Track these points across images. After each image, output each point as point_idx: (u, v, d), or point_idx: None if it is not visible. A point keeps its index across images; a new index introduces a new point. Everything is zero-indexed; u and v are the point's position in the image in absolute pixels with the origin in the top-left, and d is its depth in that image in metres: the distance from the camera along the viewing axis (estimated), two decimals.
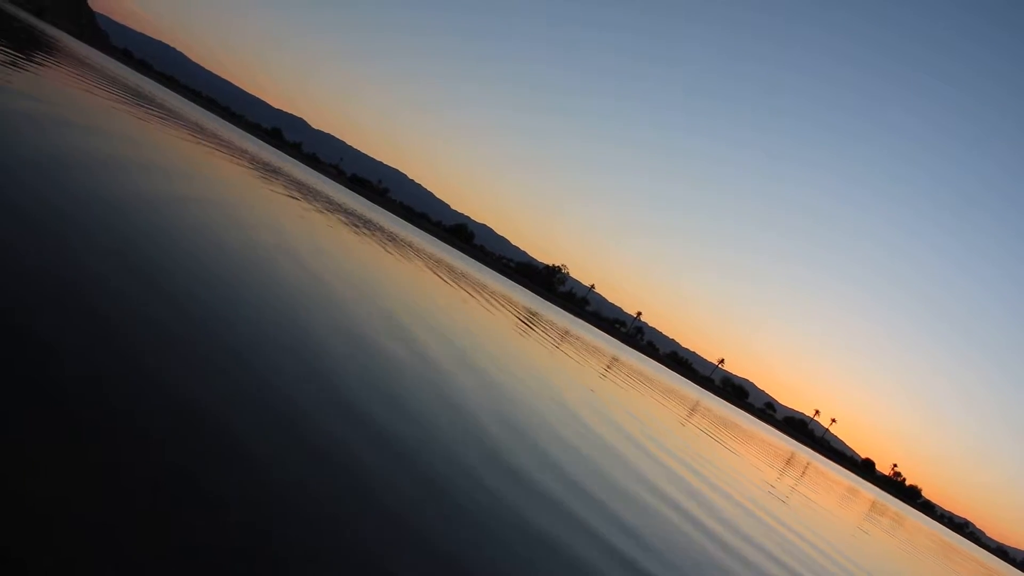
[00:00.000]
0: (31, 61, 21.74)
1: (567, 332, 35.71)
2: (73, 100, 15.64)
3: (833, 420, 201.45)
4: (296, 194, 26.66)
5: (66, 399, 2.85)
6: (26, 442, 2.42)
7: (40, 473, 2.29)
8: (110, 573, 1.97)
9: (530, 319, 28.42)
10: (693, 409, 29.39)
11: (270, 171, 34.68)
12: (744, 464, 15.85)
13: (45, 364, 3.05)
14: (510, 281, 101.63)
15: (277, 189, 23.50)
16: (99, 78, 34.91)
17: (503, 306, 26.39)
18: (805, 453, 67.58)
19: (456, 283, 24.57)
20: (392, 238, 33.91)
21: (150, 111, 28.69)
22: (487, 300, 24.64)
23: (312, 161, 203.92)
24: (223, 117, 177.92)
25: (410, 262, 22.92)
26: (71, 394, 2.91)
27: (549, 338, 22.77)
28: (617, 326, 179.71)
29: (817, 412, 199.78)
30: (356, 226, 27.32)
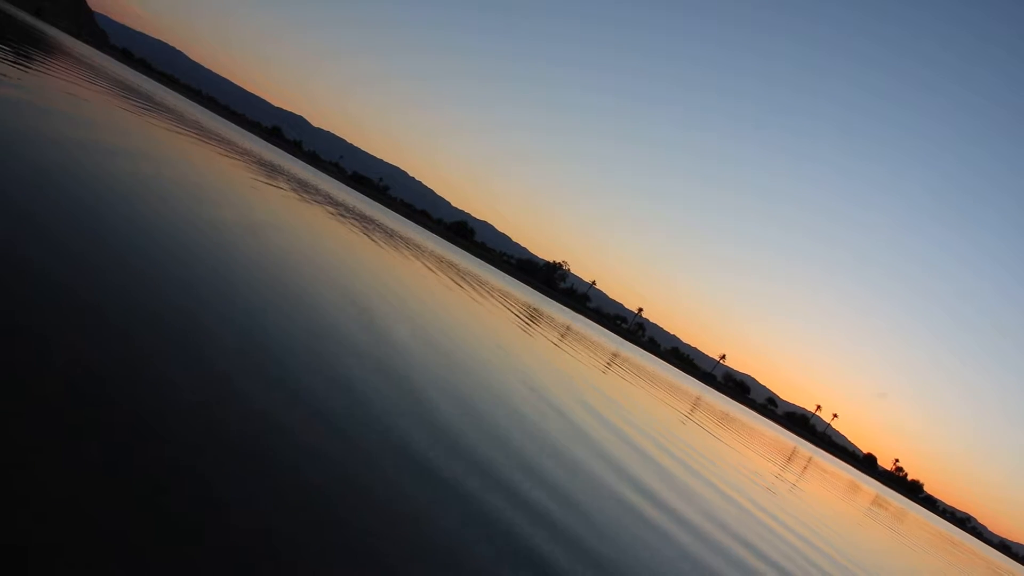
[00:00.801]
0: (30, 62, 21.76)
1: (568, 328, 35.73)
2: (75, 101, 15.65)
3: (835, 415, 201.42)
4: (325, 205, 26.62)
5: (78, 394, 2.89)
6: (23, 438, 2.44)
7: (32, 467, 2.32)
8: (115, 571, 1.98)
9: (533, 316, 28.43)
10: (695, 405, 29.41)
11: (273, 170, 34.70)
12: (746, 460, 15.88)
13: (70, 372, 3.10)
14: (512, 278, 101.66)
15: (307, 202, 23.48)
16: (98, 78, 34.92)
17: (508, 303, 26.41)
18: (807, 448, 67.61)
19: (472, 286, 24.60)
20: (440, 258, 33.87)
21: (153, 112, 28.70)
22: (496, 299, 24.68)
23: (312, 159, 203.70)
24: (223, 116, 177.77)
25: (469, 293, 22.90)
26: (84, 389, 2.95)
27: (552, 334, 22.78)
28: (618, 322, 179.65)
29: (819, 407, 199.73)
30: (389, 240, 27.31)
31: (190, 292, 5.20)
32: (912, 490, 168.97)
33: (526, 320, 23.53)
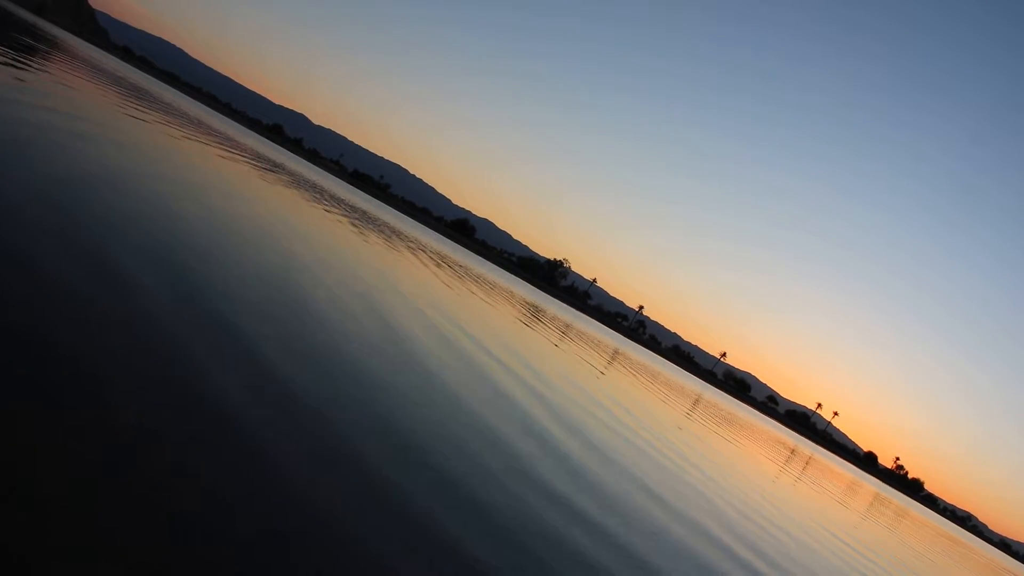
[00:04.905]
0: (32, 60, 21.78)
1: (569, 326, 35.75)
2: (80, 103, 15.67)
3: (835, 413, 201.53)
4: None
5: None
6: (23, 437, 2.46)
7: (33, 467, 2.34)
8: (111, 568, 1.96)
9: (535, 313, 28.46)
10: (696, 402, 29.44)
11: (274, 169, 34.72)
12: (747, 461, 15.90)
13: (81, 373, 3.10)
14: (512, 276, 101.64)
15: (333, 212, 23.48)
16: (101, 77, 34.93)
17: (510, 301, 26.42)
18: (807, 446, 67.64)
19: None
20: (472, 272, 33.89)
21: (164, 115, 28.71)
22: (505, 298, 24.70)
23: (313, 157, 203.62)
24: (224, 114, 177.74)
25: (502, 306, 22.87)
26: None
27: (555, 332, 22.80)
28: (619, 320, 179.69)
29: (819, 405, 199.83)
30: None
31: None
32: (913, 488, 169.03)
33: (530, 317, 23.55)
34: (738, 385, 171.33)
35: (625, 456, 7.46)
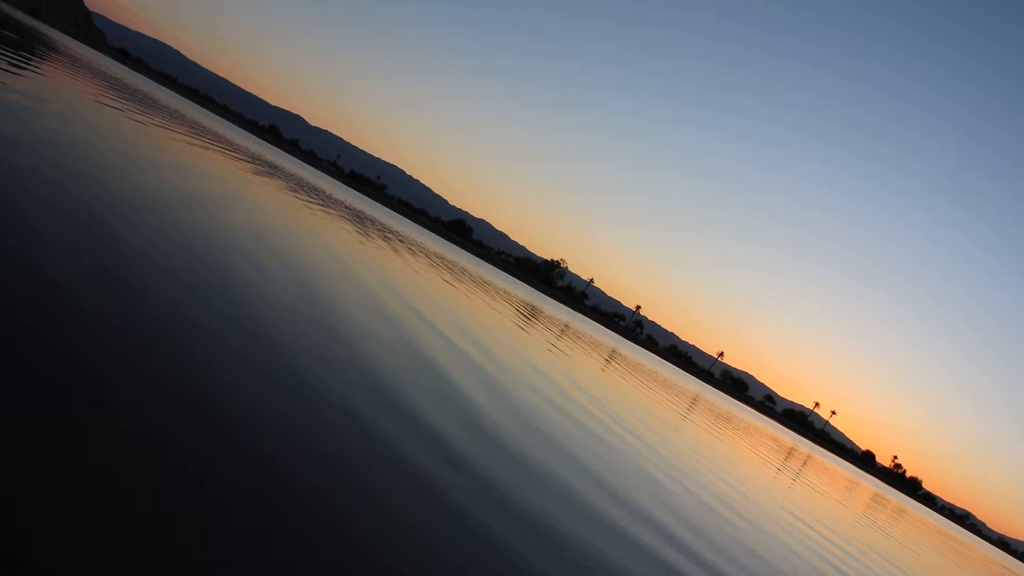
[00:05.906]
0: (28, 62, 21.74)
1: (567, 326, 35.77)
2: (83, 109, 15.62)
3: (833, 412, 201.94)
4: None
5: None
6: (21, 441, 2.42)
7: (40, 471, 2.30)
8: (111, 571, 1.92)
9: (532, 313, 28.47)
10: (694, 401, 29.48)
11: (271, 170, 34.68)
12: (743, 461, 15.90)
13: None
14: (509, 276, 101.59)
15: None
16: (99, 80, 34.83)
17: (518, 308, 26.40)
18: (805, 446, 67.73)
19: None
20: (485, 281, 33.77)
21: (174, 124, 28.62)
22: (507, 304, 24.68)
23: (310, 158, 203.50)
24: (221, 115, 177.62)
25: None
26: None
27: (551, 333, 22.77)
28: (616, 320, 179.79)
29: (817, 404, 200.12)
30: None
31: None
32: (911, 487, 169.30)
33: (527, 317, 23.55)
34: (736, 384, 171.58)
35: (631, 451, 7.48)
